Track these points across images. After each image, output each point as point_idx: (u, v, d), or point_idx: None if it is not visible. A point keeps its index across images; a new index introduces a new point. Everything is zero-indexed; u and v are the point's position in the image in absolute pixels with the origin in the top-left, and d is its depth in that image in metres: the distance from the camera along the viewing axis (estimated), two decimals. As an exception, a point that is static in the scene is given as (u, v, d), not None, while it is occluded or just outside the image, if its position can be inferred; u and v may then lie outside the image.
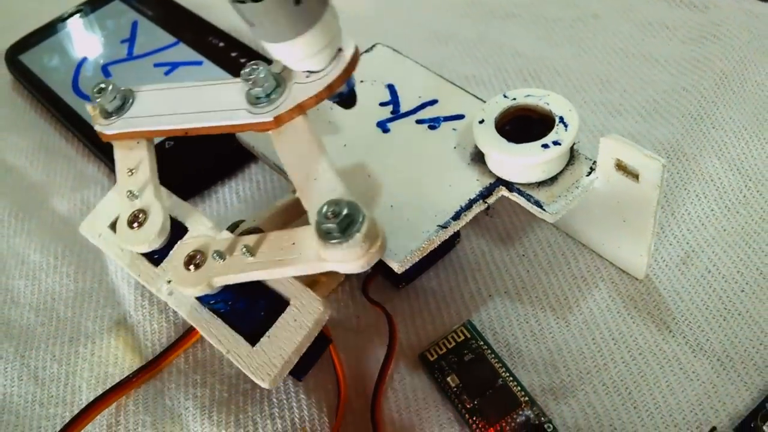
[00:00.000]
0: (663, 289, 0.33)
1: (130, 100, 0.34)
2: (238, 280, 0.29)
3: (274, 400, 0.32)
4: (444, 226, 0.31)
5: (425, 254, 0.31)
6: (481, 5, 0.51)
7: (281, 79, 0.30)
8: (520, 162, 0.31)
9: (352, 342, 0.34)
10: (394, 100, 0.38)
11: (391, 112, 0.37)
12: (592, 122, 0.41)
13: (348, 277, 0.36)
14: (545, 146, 0.31)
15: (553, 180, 0.32)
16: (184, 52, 0.49)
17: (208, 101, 0.32)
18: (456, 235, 0.37)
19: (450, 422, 0.31)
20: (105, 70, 0.50)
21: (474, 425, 0.30)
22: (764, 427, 0.28)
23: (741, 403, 0.29)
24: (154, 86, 0.34)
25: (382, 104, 0.38)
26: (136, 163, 0.33)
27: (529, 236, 0.37)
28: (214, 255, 0.28)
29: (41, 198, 0.44)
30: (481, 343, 0.32)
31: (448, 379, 0.31)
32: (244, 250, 0.28)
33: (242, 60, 0.48)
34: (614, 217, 0.33)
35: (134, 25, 0.53)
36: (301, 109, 0.30)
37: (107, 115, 0.34)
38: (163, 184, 0.33)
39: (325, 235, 0.26)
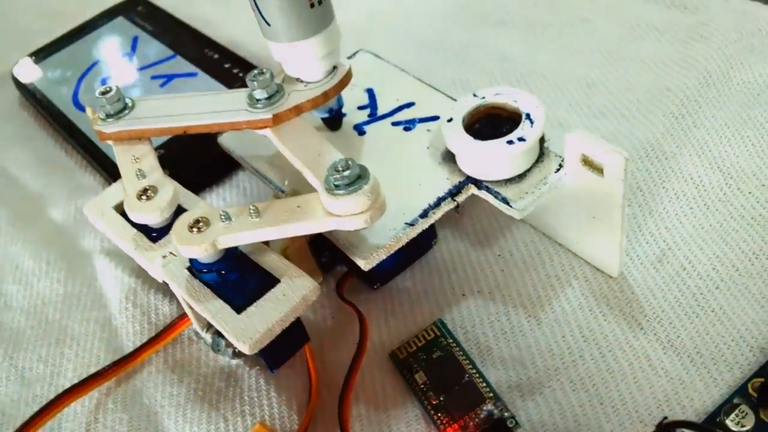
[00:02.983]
0: (637, 287, 0.33)
1: (132, 106, 0.36)
2: (243, 241, 0.30)
3: (245, 398, 0.33)
4: (411, 224, 0.31)
5: (392, 252, 0.31)
6: (473, 12, 0.51)
7: (281, 87, 0.33)
8: (486, 159, 0.31)
9: (325, 341, 0.34)
10: (372, 104, 0.38)
11: (369, 115, 0.38)
12: (576, 124, 0.41)
13: (324, 278, 0.36)
14: (510, 142, 0.31)
15: (521, 177, 0.32)
16: (180, 64, 0.51)
17: (208, 105, 0.34)
18: (433, 237, 0.37)
19: (417, 419, 0.31)
20: (104, 82, 0.51)
21: (439, 421, 0.30)
22: (727, 421, 0.27)
23: (709, 399, 0.29)
24: (152, 97, 0.36)
25: (360, 108, 0.38)
26: (140, 154, 0.35)
27: (507, 237, 0.36)
28: (222, 216, 0.29)
29: (38, 207, 0.46)
30: (451, 341, 0.32)
31: (416, 376, 0.31)
32: (252, 210, 0.29)
33: (235, 71, 0.49)
34: (584, 213, 0.32)
35: (134, 40, 0.54)
36: (298, 110, 0.33)
37: (108, 116, 0.35)
38: None
39: (334, 188, 0.28)
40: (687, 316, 0.31)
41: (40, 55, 0.55)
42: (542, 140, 0.33)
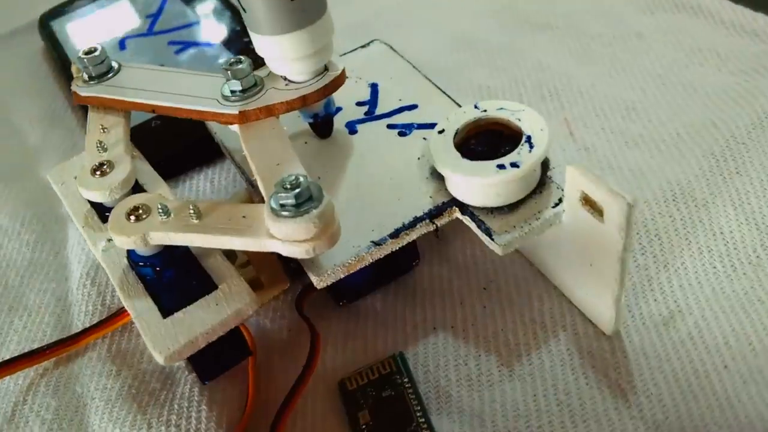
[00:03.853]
0: (631, 351, 0.28)
1: (114, 72, 0.34)
2: (174, 241, 0.26)
3: (175, 406, 0.30)
4: (378, 243, 0.28)
5: (353, 271, 0.28)
6: (517, 12, 0.46)
7: (261, 81, 0.30)
8: (472, 181, 0.27)
9: (275, 356, 0.31)
10: (372, 101, 0.34)
11: (365, 113, 0.34)
12: (603, 152, 0.36)
13: (292, 286, 0.33)
14: (501, 167, 0.27)
15: (512, 207, 0.28)
16: (200, 32, 0.48)
17: (184, 86, 0.32)
18: (414, 257, 0.33)
19: (350, 463, 0.27)
20: (122, 43, 0.49)
21: (371, 472, 0.26)
22: None
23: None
24: (142, 65, 0.34)
25: (359, 104, 0.34)
26: (110, 124, 0.32)
27: (497, 268, 0.32)
28: (160, 209, 0.26)
29: (31, 164, 0.44)
30: (406, 380, 0.28)
31: (360, 414, 0.28)
32: (191, 210, 0.26)
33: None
34: (581, 258, 0.28)
35: (163, 1, 0.52)
36: (269, 111, 0.30)
37: (89, 78, 0.33)
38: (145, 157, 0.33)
39: (279, 207, 0.24)
40: (682, 396, 0.27)
41: (69, 5, 0.53)
42: (546, 167, 0.29)
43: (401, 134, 0.32)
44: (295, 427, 0.29)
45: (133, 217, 0.26)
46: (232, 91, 0.30)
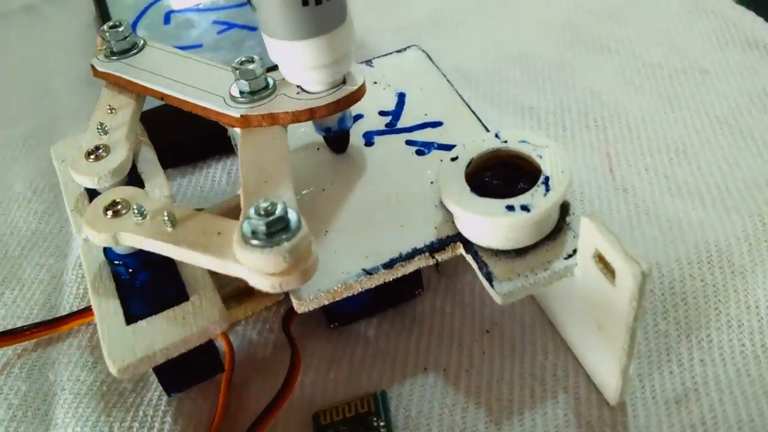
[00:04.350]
0: (634, 427, 0.26)
1: (137, 50, 0.32)
2: (143, 246, 0.25)
3: (140, 413, 0.28)
4: (369, 273, 0.25)
5: (339, 299, 0.25)
6: (577, 30, 0.43)
7: (274, 86, 0.28)
8: (476, 219, 0.25)
9: (253, 374, 0.29)
10: (396, 112, 0.32)
11: (386, 125, 0.32)
12: (642, 195, 0.33)
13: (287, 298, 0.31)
14: (510, 208, 0.24)
15: (520, 252, 0.25)
16: (246, 14, 0.46)
17: (197, 77, 0.30)
18: (417, 287, 0.31)
19: (309, 505, 0.25)
20: (167, 16, 0.48)
21: None
22: None
23: None
24: (164, 46, 0.33)
25: (382, 113, 0.32)
26: (119, 105, 0.31)
27: (504, 311, 0.30)
28: (135, 210, 0.25)
29: (58, 129, 0.43)
30: (383, 423, 0.26)
31: (327, 453, 0.26)
32: (166, 217, 0.24)
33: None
34: (590, 318, 0.25)
35: (214, -22, 0.50)
36: (273, 119, 0.27)
37: (111, 53, 0.32)
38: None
39: (249, 234, 0.21)
40: (682, 489, 0.24)
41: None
42: (566, 210, 0.26)
43: (419, 153, 0.30)
44: (260, 454, 0.27)
45: (110, 212, 0.25)
46: (240, 92, 0.28)
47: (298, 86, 0.28)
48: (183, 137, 0.37)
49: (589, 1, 0.45)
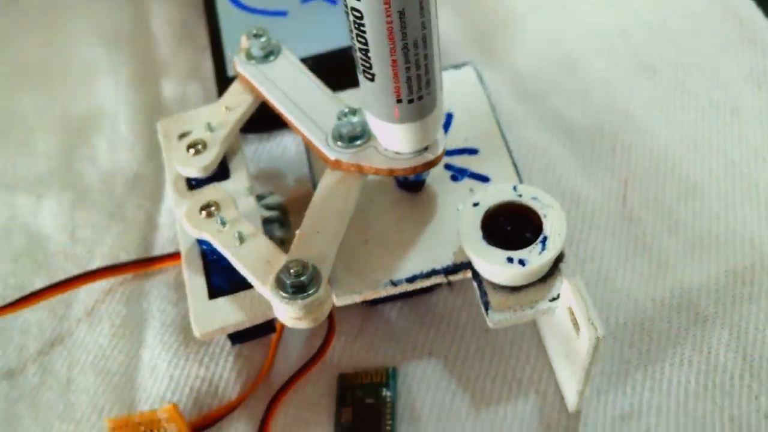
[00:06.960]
0: (583, 432, 0.33)
1: (272, 58, 0.37)
2: (217, 248, 0.32)
3: (210, 350, 0.37)
4: (395, 284, 0.32)
5: (367, 300, 0.33)
6: (630, 45, 0.46)
7: (368, 137, 0.32)
8: (480, 263, 0.31)
9: (298, 337, 0.37)
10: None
11: (432, 145, 0.37)
12: (644, 228, 0.38)
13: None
14: (509, 260, 0.30)
15: (515, 289, 0.32)
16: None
17: (310, 103, 0.34)
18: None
19: (325, 448, 0.34)
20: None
21: (336, 463, 0.32)
22: None
23: None
24: (294, 59, 0.37)
25: (431, 133, 0.37)
26: (236, 104, 0.36)
27: (503, 315, 0.36)
28: (219, 219, 0.32)
29: (156, 74, 0.49)
30: (390, 395, 0.34)
31: (343, 410, 0.34)
32: (236, 234, 0.31)
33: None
34: (561, 347, 0.32)
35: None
36: (359, 168, 0.32)
37: (249, 57, 0.37)
38: None
39: (278, 284, 0.29)
40: (605, 488, 0.31)
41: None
42: (560, 258, 0.32)
43: (453, 178, 0.36)
44: (294, 399, 0.35)
45: (204, 213, 0.32)
46: (340, 135, 0.32)
47: None
48: (264, 112, 0.43)
49: (644, 11, 0.48)
